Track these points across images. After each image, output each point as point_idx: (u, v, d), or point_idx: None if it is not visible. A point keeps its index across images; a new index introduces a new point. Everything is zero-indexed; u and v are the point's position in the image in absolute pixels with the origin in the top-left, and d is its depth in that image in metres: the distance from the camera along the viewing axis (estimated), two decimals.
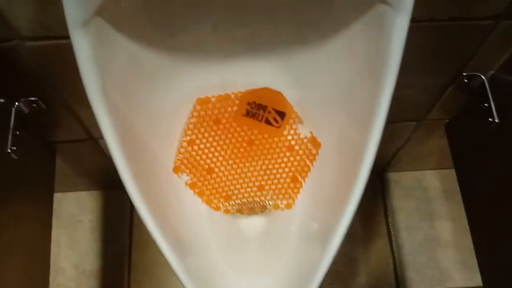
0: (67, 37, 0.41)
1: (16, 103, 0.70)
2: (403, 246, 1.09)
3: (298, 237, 0.59)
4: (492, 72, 0.72)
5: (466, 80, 0.74)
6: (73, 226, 1.09)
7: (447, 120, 0.89)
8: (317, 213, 0.58)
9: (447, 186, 1.14)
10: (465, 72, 0.72)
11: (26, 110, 0.72)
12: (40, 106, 0.72)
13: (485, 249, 0.85)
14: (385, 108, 0.46)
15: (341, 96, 0.54)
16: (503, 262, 0.78)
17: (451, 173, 1.11)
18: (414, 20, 0.43)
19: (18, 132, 0.71)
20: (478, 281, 1.04)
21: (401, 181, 1.15)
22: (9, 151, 0.70)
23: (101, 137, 0.85)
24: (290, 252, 0.57)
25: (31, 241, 0.83)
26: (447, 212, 1.12)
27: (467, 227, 0.89)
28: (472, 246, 0.88)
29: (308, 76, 0.55)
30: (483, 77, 0.72)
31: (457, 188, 1.02)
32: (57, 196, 1.08)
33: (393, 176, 1.15)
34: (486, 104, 0.72)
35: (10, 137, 0.69)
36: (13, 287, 0.75)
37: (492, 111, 0.72)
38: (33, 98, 0.71)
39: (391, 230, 1.11)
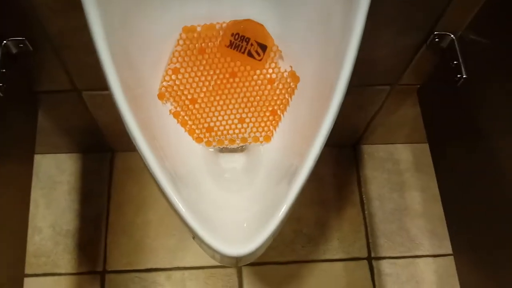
0: None
1: (4, 41, 0.72)
2: (375, 214, 1.13)
3: (271, 174, 0.61)
4: (461, 31, 0.77)
5: (437, 40, 0.78)
6: (51, 187, 1.10)
7: (419, 86, 0.93)
8: (292, 148, 0.61)
9: (418, 159, 1.18)
10: (436, 31, 0.77)
11: (13, 50, 0.74)
12: (27, 47, 0.74)
13: (456, 218, 0.88)
14: (356, 44, 0.50)
15: (318, 32, 0.58)
16: (472, 231, 0.82)
17: (422, 147, 1.17)
18: None
19: (4, 70, 0.73)
20: (446, 249, 1.09)
21: (374, 153, 1.20)
22: None
23: (84, 89, 0.87)
24: (261, 190, 0.60)
25: (10, 201, 0.84)
26: (417, 183, 1.17)
27: (437, 197, 0.93)
28: (441, 216, 0.92)
29: (290, 10, 0.58)
30: (452, 36, 0.77)
31: (427, 161, 1.06)
32: (36, 158, 1.08)
33: (367, 149, 1.19)
34: (455, 62, 0.77)
35: None
36: None
37: (460, 68, 0.76)
38: (20, 38, 0.73)
39: (364, 199, 1.15)
